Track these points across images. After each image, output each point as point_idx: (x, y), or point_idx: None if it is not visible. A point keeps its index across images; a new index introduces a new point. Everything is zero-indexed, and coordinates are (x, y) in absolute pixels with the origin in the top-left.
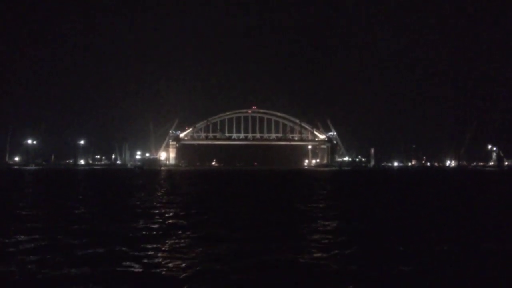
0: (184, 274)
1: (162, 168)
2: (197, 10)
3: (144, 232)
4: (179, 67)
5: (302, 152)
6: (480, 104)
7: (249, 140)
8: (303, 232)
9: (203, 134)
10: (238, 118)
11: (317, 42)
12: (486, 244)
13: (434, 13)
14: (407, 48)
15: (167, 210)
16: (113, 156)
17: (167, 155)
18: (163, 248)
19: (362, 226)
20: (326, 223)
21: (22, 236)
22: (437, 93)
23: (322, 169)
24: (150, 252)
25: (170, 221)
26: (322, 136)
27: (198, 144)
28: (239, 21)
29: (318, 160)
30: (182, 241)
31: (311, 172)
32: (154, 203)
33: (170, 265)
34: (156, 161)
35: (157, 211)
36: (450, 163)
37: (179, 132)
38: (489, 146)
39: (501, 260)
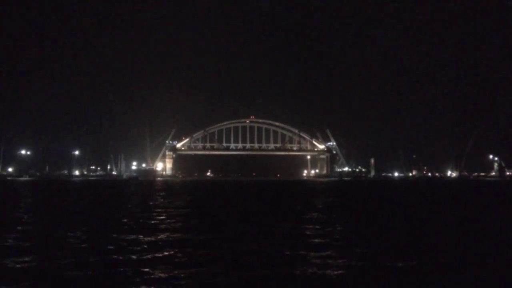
0: None
1: (158, 178)
2: (194, 18)
3: None
4: (176, 76)
5: (301, 163)
6: (481, 113)
7: (247, 150)
8: None
9: (200, 144)
10: (236, 128)
11: (316, 51)
12: None
13: (434, 21)
14: (407, 58)
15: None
16: (109, 167)
17: (163, 166)
18: None
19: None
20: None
21: None
22: (437, 102)
23: (321, 179)
24: None
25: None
26: (321, 146)
27: (195, 155)
28: (236, 30)
29: (317, 171)
30: None
31: (310, 183)
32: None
33: None
34: (152, 172)
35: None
36: (451, 173)
37: (176, 142)
38: (491, 156)
39: None
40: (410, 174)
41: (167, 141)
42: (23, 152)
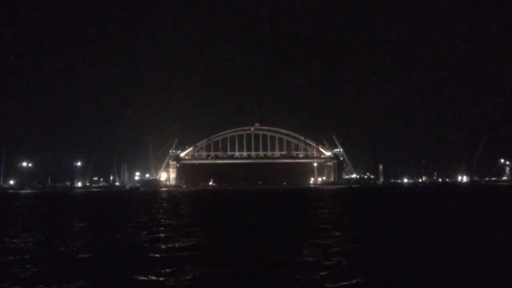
0: None
1: (163, 189)
2: (196, 24)
3: None
4: (179, 84)
5: (307, 170)
6: (491, 117)
7: (252, 158)
8: None
9: (204, 153)
10: (241, 136)
11: (322, 56)
12: None
13: (445, 24)
14: (415, 62)
15: None
16: (111, 178)
17: (167, 176)
18: None
19: None
20: None
21: None
22: (446, 106)
23: (329, 187)
24: None
25: None
26: (328, 153)
27: (200, 164)
28: (241, 37)
29: (324, 178)
30: None
31: (318, 191)
32: None
33: None
34: (155, 182)
35: None
36: (462, 178)
37: (180, 151)
38: (502, 160)
39: None
40: (420, 180)
41: (170, 151)
42: (24, 164)
